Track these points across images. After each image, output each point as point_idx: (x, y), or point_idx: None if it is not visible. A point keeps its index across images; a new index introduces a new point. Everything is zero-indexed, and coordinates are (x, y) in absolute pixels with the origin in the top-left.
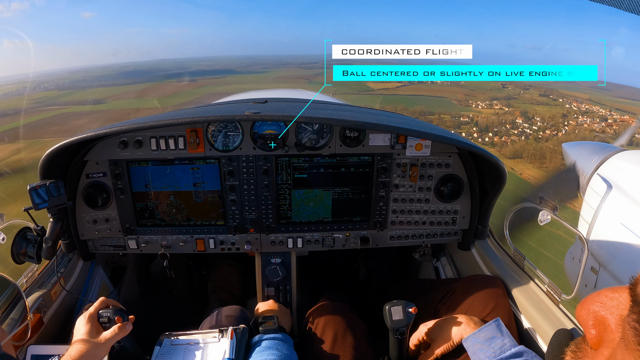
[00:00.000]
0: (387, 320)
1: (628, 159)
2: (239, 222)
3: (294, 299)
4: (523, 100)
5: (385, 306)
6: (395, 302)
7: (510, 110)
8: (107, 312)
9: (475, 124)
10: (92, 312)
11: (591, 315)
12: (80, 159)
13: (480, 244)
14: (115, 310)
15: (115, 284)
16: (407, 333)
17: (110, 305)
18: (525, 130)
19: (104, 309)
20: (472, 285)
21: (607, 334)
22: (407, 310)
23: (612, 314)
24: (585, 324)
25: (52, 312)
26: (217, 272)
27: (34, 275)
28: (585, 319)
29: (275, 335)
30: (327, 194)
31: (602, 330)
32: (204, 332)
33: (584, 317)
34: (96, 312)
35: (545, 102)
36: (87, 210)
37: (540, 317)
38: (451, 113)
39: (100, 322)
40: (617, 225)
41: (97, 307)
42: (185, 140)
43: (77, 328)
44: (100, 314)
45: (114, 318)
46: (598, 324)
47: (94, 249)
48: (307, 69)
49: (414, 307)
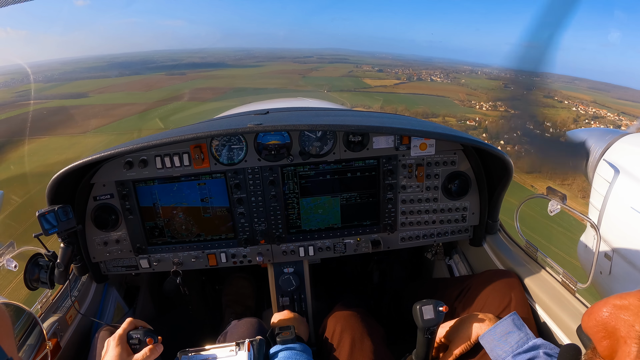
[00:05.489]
0: (417, 320)
1: (633, 142)
2: (249, 235)
3: (309, 308)
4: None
5: (415, 305)
6: (425, 301)
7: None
8: (137, 333)
9: (485, 130)
10: (121, 333)
11: (601, 327)
12: (87, 182)
13: (491, 238)
14: (145, 332)
15: (130, 304)
16: (437, 332)
17: (138, 326)
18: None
19: (133, 330)
20: (486, 280)
21: (620, 345)
22: (437, 309)
23: (623, 325)
24: (595, 336)
25: (68, 336)
26: (231, 286)
27: (48, 300)
28: (594, 330)
29: (293, 345)
30: (335, 200)
31: (614, 343)
32: (220, 346)
33: (593, 328)
34: (125, 334)
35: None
36: (97, 233)
37: (557, 308)
38: (456, 115)
39: (131, 344)
40: (627, 209)
41: (126, 328)
42: (190, 157)
43: (107, 351)
44: (130, 335)
45: (144, 339)
46: (609, 335)
47: (106, 271)
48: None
49: (444, 305)
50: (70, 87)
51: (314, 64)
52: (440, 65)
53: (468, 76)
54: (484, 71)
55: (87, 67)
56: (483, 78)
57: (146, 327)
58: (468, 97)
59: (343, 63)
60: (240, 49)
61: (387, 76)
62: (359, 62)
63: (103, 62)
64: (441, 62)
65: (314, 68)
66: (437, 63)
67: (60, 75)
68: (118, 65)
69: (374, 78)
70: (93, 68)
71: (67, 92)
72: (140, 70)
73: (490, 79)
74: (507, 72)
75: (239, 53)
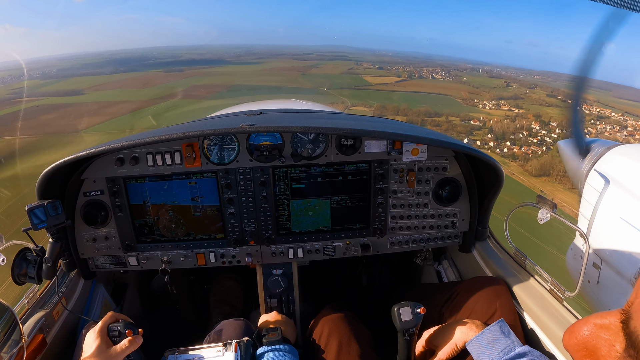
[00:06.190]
0: (395, 322)
1: (624, 152)
2: (239, 235)
3: (297, 309)
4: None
5: (393, 307)
6: (403, 303)
7: (521, 113)
8: (117, 325)
9: (490, 130)
10: (101, 326)
11: (581, 345)
12: (78, 178)
13: (481, 245)
14: (125, 324)
15: (117, 302)
16: (416, 334)
17: (119, 319)
18: (546, 139)
19: (113, 323)
20: (475, 287)
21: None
22: (415, 310)
23: (604, 345)
24: (576, 354)
25: (54, 332)
26: (219, 286)
27: (35, 295)
28: (575, 349)
29: (279, 347)
30: (326, 203)
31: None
32: (207, 346)
33: (573, 347)
34: (105, 326)
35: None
36: (86, 229)
37: (544, 316)
38: (459, 115)
39: (111, 336)
40: (616, 219)
41: (107, 321)
42: (182, 155)
43: (87, 343)
44: (111, 327)
45: (124, 332)
46: (590, 354)
47: (94, 268)
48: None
49: (422, 307)
50: (66, 84)
51: (313, 61)
52: (441, 62)
53: (469, 74)
54: (485, 69)
55: (85, 64)
56: (484, 76)
57: (127, 320)
58: (470, 96)
59: (343, 60)
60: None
61: (387, 74)
62: (359, 59)
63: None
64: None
65: (314, 65)
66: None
67: (58, 72)
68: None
69: (374, 75)
70: (91, 64)
71: (62, 90)
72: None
73: (492, 77)
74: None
75: (237, 50)
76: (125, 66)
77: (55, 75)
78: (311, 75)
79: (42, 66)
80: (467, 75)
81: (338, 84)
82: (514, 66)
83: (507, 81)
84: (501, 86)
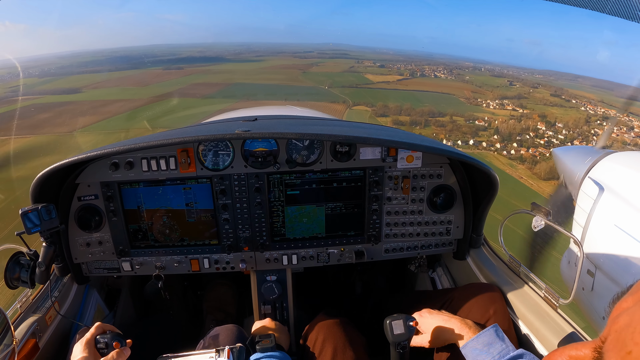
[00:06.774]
0: (388, 335)
1: (618, 160)
2: (233, 241)
3: (291, 316)
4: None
5: (385, 320)
6: (395, 316)
7: (526, 113)
8: (104, 337)
9: (496, 131)
10: (88, 338)
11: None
12: (72, 182)
13: (475, 252)
14: (112, 336)
15: (110, 307)
16: (409, 347)
17: (107, 330)
18: (552, 141)
19: (101, 335)
20: (469, 293)
21: None
22: (408, 324)
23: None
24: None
25: (47, 337)
26: (212, 292)
27: (28, 300)
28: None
29: (272, 354)
30: (320, 210)
31: None
32: (200, 352)
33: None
34: (93, 338)
35: (558, 103)
36: (80, 233)
37: (539, 323)
38: (464, 115)
39: (98, 348)
40: (610, 227)
41: (94, 332)
42: (177, 160)
43: (74, 355)
44: (97, 339)
45: (111, 343)
46: None
47: (87, 272)
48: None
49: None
50: (65, 82)
51: (314, 59)
52: (443, 61)
53: (472, 73)
54: (487, 68)
55: (84, 62)
56: (487, 75)
57: (115, 332)
58: (474, 95)
59: (344, 58)
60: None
61: (389, 72)
62: (360, 57)
63: (101, 56)
64: (443, 58)
65: (315, 63)
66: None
67: (57, 69)
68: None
69: (376, 74)
70: (90, 62)
71: (60, 88)
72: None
73: (494, 75)
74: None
75: (238, 47)
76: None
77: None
78: (312, 73)
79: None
80: (470, 74)
81: (339, 82)
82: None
83: (509, 80)
84: (504, 85)
